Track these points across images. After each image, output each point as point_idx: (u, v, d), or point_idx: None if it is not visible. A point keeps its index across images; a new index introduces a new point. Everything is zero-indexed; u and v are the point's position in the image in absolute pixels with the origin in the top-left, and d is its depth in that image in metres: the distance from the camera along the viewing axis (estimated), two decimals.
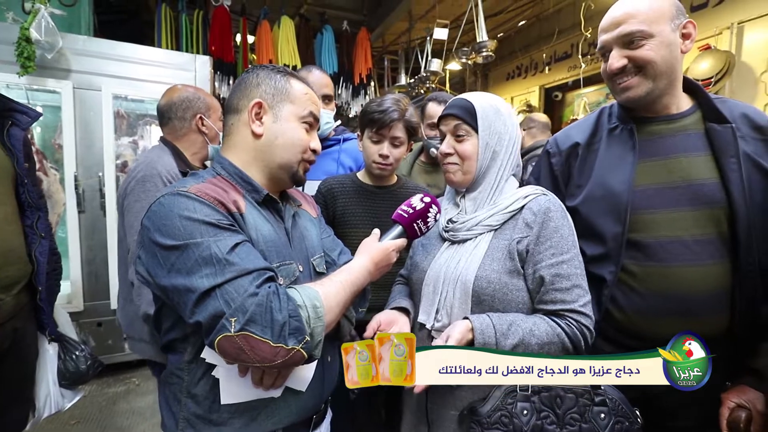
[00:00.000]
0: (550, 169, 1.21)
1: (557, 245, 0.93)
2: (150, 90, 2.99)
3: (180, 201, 0.74)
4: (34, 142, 2.79)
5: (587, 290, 0.95)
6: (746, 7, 3.20)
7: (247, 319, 0.68)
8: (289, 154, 0.90)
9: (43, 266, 1.44)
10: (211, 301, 0.69)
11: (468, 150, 1.02)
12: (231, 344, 0.68)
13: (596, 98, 5.24)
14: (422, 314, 1.02)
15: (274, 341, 0.69)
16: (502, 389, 0.86)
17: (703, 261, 0.98)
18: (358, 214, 1.42)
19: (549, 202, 0.97)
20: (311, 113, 0.92)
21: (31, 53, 2.47)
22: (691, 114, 1.07)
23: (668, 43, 1.00)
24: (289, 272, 0.86)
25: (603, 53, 1.09)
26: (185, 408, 0.82)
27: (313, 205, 1.13)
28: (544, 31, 5.20)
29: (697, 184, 1.00)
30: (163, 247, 0.72)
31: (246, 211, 0.83)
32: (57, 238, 2.89)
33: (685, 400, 0.99)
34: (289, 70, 0.94)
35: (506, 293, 0.93)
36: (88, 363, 1.58)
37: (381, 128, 1.35)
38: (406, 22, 5.01)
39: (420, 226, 0.97)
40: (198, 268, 0.70)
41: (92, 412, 2.56)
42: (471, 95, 1.06)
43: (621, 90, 1.06)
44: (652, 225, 1.02)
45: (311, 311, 0.74)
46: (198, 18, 4.15)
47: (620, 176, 1.05)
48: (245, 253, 0.74)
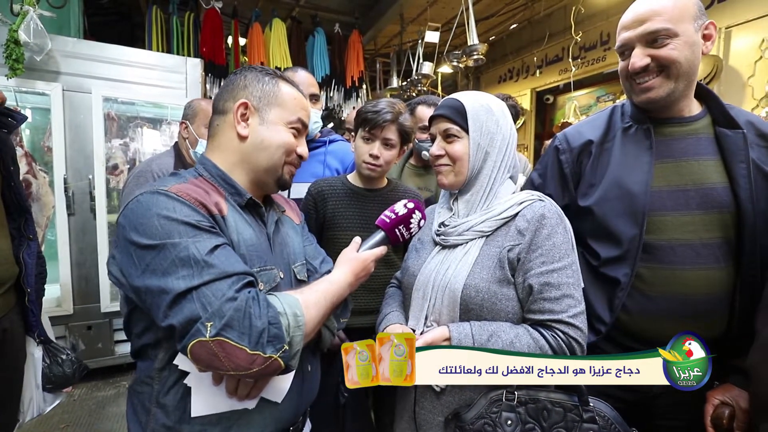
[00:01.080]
0: (559, 166, 1.17)
1: (548, 253, 0.90)
2: (140, 92, 2.99)
3: (159, 200, 0.72)
4: (23, 144, 2.77)
5: (580, 300, 0.91)
6: (734, 12, 3.26)
7: (223, 324, 0.65)
8: (275, 158, 0.88)
9: (31, 268, 1.44)
10: (187, 304, 0.66)
11: (459, 151, 1.00)
12: (205, 350, 0.65)
13: (587, 101, 5.31)
14: (412, 320, 1.01)
15: (251, 348, 0.66)
16: (488, 397, 0.86)
17: (709, 264, 0.99)
18: (348, 216, 1.42)
19: (544, 209, 0.94)
20: (299, 119, 0.90)
21: (20, 55, 2.45)
22: (702, 118, 1.06)
23: (692, 43, 0.98)
24: (270, 278, 0.85)
25: (622, 51, 1.06)
26: (153, 419, 0.78)
27: (296, 212, 1.12)
28: (535, 35, 5.25)
29: (707, 188, 1.00)
30: (138, 246, 0.70)
31: (227, 214, 0.81)
32: (46, 241, 2.90)
33: (677, 400, 1.01)
34: (279, 73, 0.92)
35: (495, 302, 0.91)
36: (74, 367, 1.57)
37: (373, 128, 1.36)
38: (397, 25, 5.03)
39: (402, 231, 0.97)
40: (174, 269, 0.68)
41: (81, 416, 2.54)
42: (462, 95, 1.03)
43: (641, 90, 1.03)
44: (663, 227, 1.01)
45: (291, 319, 0.72)
46: (189, 20, 4.14)
47: (637, 177, 1.03)
48: (225, 256, 0.72)
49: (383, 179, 1.51)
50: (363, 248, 0.95)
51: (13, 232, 1.42)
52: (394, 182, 1.55)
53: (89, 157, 2.82)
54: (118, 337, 2.99)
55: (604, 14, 4.29)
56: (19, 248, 1.41)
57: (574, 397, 0.85)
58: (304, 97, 0.95)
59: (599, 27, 4.35)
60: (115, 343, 2.99)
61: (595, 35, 4.42)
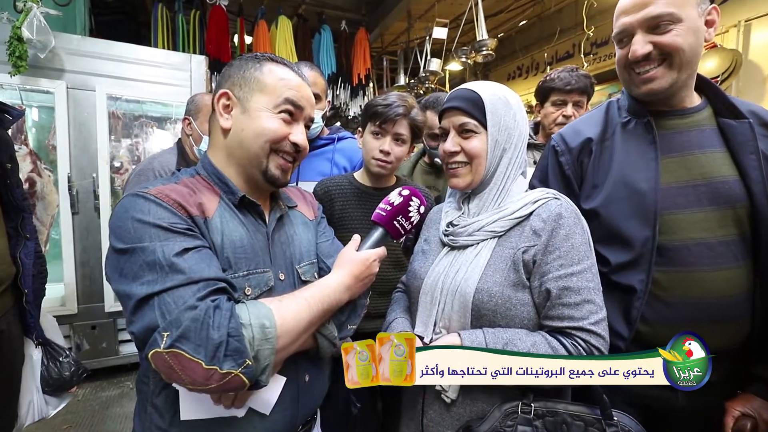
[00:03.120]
0: (559, 168, 1.10)
1: (567, 255, 0.84)
2: (145, 90, 2.97)
3: (137, 202, 0.70)
4: (29, 142, 2.76)
5: (601, 306, 0.85)
6: (753, 5, 3.15)
7: (179, 334, 0.61)
8: (255, 148, 0.80)
9: (29, 268, 1.41)
10: (148, 311, 0.63)
11: (476, 148, 0.91)
12: (162, 361, 0.62)
13: (598, 98, 5.18)
14: (419, 326, 0.94)
15: (207, 363, 0.61)
16: (502, 409, 0.81)
17: (727, 264, 0.92)
18: (356, 217, 1.36)
19: (561, 207, 0.87)
20: (288, 100, 0.81)
21: (23, 52, 2.44)
22: (703, 109, 1.00)
23: (695, 30, 0.91)
24: (261, 281, 0.80)
25: (621, 38, 0.99)
26: (149, 418, 0.78)
27: (312, 205, 1.05)
28: (545, 31, 5.16)
29: (717, 182, 0.94)
30: (115, 250, 0.69)
31: (214, 215, 0.77)
32: (51, 240, 2.89)
33: (696, 411, 0.95)
34: (269, 56, 0.86)
35: (509, 308, 0.85)
36: (72, 370, 1.54)
37: (384, 122, 1.30)
38: (405, 22, 4.98)
39: (402, 223, 0.91)
40: (141, 274, 0.65)
41: (85, 417, 2.53)
42: (476, 85, 0.94)
43: (642, 81, 0.97)
44: (677, 226, 0.94)
45: (257, 331, 0.66)
46: (195, 18, 4.13)
47: (644, 174, 0.97)
48: (196, 260, 0.68)
49: (392, 177, 1.45)
50: (363, 247, 0.90)
51: (11, 232, 1.39)
52: (403, 180, 1.49)
53: (93, 156, 2.80)
54: (123, 336, 2.97)
55: None
56: (16, 248, 1.38)
57: (596, 410, 0.80)
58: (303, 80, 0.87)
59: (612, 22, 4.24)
60: (120, 342, 2.97)
61: (607, 30, 4.31)
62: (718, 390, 0.94)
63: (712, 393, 0.88)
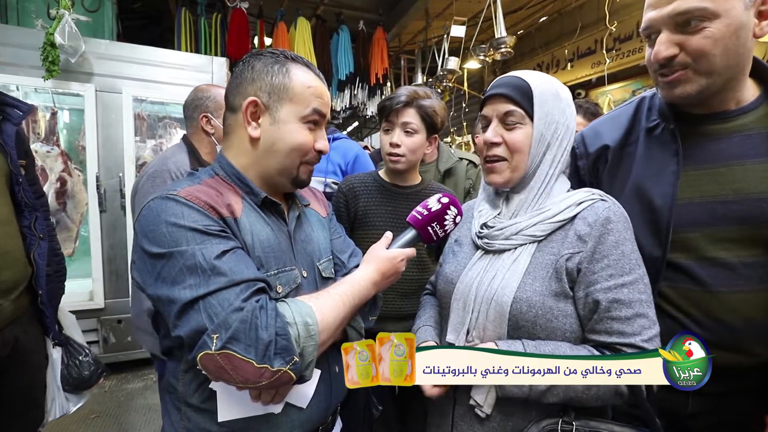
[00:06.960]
0: (576, 171, 1.05)
1: (617, 264, 0.77)
2: (168, 92, 3.06)
3: (168, 206, 0.70)
4: (60, 143, 2.88)
5: (654, 321, 0.77)
6: None
7: (229, 336, 0.63)
8: (288, 161, 0.82)
9: (42, 269, 1.39)
10: (194, 314, 0.65)
11: (519, 141, 0.84)
12: (213, 363, 0.64)
13: (621, 96, 5.05)
14: (451, 333, 0.89)
15: (258, 362, 0.63)
16: (540, 425, 0.77)
17: (752, 287, 0.83)
18: (380, 214, 1.37)
19: (609, 210, 0.80)
20: (315, 110, 0.82)
21: (56, 57, 2.56)
22: (755, 108, 0.85)
23: (737, 27, 0.76)
24: (290, 279, 0.81)
25: (648, 35, 0.88)
26: (185, 417, 0.78)
27: (323, 203, 1.07)
28: (566, 27, 5.05)
29: (753, 199, 0.82)
30: (149, 255, 0.69)
31: (242, 215, 0.78)
32: (80, 237, 3.01)
33: (720, 420, 0.91)
34: (289, 55, 0.84)
35: (550, 319, 0.78)
36: (91, 369, 1.55)
37: (390, 114, 1.30)
38: (422, 21, 4.97)
39: (436, 230, 0.89)
40: (182, 278, 0.66)
41: (111, 407, 2.63)
42: (526, 73, 0.87)
43: (666, 85, 0.86)
44: (692, 245, 0.87)
45: (302, 329, 0.68)
46: (216, 21, 4.22)
47: (661, 188, 0.89)
48: (234, 261, 0.69)
49: (415, 175, 1.43)
50: (393, 246, 0.90)
51: (25, 231, 1.36)
52: (428, 180, 1.48)
53: (120, 156, 2.91)
54: None
55: (641, 2, 4.06)
56: (30, 248, 1.36)
57: (643, 431, 0.76)
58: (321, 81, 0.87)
59: (636, 16, 4.12)
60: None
61: (630, 25, 4.19)
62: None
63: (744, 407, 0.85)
